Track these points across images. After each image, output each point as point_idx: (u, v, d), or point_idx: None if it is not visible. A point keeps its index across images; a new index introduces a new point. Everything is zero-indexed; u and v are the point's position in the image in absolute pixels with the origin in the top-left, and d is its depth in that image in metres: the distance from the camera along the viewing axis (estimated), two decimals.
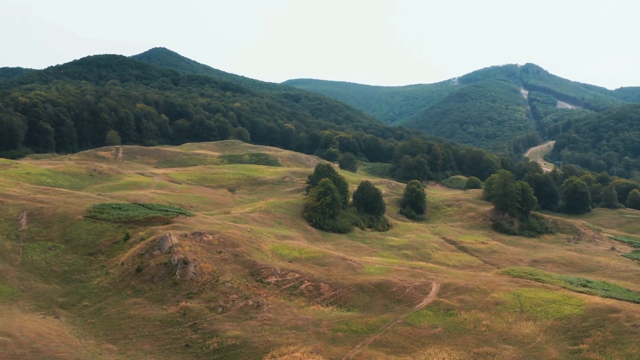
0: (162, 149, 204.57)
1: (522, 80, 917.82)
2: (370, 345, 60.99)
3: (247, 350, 58.28)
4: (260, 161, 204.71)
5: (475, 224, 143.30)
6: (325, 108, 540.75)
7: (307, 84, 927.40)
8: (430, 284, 76.64)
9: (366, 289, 74.08)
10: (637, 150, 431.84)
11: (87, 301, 69.73)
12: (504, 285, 77.30)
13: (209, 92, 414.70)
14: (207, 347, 58.91)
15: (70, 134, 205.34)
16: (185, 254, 71.37)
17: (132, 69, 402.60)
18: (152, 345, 59.27)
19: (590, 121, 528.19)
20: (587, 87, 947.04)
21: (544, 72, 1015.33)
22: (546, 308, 70.09)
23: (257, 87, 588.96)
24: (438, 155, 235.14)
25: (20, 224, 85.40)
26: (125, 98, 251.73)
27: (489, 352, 60.65)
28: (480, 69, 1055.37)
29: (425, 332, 64.13)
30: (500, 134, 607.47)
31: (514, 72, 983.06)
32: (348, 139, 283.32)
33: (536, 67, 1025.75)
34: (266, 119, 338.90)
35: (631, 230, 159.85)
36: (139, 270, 70.47)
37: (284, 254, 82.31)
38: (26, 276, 74.87)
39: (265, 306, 65.62)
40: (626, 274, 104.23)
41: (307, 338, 60.91)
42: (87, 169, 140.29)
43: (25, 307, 68.55)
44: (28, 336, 56.78)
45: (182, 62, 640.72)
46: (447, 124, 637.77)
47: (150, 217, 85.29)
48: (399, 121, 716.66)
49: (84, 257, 79.78)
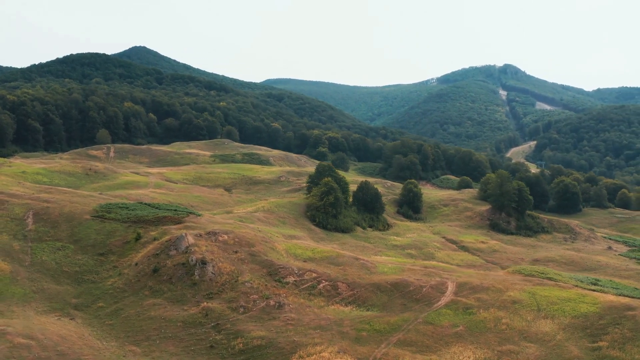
0: (153, 148, 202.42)
1: (501, 81, 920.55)
2: (394, 344, 60.90)
3: (274, 350, 57.75)
4: (252, 161, 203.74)
5: (472, 223, 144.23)
6: (308, 108, 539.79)
7: (286, 84, 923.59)
8: (446, 283, 76.80)
9: (383, 289, 73.96)
10: (618, 150, 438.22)
11: (103, 302, 68.53)
12: (517, 284, 77.79)
13: (194, 91, 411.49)
14: (232, 347, 58.25)
15: (59, 133, 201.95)
16: (202, 254, 70.52)
17: (115, 68, 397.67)
18: (177, 347, 58.44)
19: (570, 122, 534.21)
20: (564, 88, 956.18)
21: (522, 73, 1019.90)
22: (562, 306, 70.64)
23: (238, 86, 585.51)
24: (428, 155, 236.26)
25: (27, 223, 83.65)
26: (112, 97, 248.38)
27: (512, 350, 60.97)
28: (459, 70, 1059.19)
29: (448, 331, 64.19)
30: (481, 134, 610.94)
31: (492, 73, 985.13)
32: (337, 139, 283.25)
33: (514, 68, 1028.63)
34: (252, 119, 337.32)
35: (623, 229, 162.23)
36: (156, 271, 69.43)
37: (297, 254, 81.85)
38: (37, 277, 73.38)
39: (287, 306, 65.11)
40: (627, 273, 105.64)
41: (331, 338, 60.57)
42: (83, 168, 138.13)
43: (38, 308, 67.17)
44: (51, 339, 55.61)
45: (162, 62, 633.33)
46: (427, 124, 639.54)
47: (161, 216, 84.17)
48: (378, 121, 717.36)
49: (95, 257, 78.44)
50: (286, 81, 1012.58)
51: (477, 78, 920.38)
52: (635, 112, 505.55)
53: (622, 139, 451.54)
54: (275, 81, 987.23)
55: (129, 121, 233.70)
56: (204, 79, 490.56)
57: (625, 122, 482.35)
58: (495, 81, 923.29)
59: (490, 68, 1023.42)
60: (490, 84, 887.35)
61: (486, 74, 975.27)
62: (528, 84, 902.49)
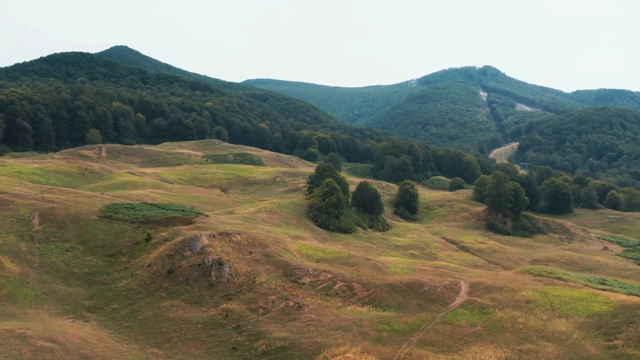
0: (145, 148, 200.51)
1: (481, 82, 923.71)
2: (416, 344, 60.91)
3: (297, 351, 57.40)
4: (244, 161, 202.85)
5: (469, 224, 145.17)
6: (292, 108, 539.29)
7: (267, 84, 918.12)
8: (459, 283, 77.09)
9: (398, 289, 74.00)
10: (600, 152, 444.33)
11: (117, 304, 67.55)
12: (529, 284, 78.37)
13: (179, 91, 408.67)
14: (254, 349, 57.76)
15: (49, 132, 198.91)
16: (218, 254, 69.89)
17: (100, 67, 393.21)
18: (199, 349, 57.81)
19: (552, 123, 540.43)
20: (544, 89, 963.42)
21: (502, 74, 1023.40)
22: (575, 306, 71.29)
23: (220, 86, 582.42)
24: (419, 156, 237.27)
25: (33, 224, 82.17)
26: (100, 96, 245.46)
27: (531, 349, 61.35)
28: (439, 71, 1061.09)
29: (466, 331, 64.39)
30: (463, 136, 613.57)
31: (472, 74, 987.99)
32: (327, 140, 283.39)
33: (494, 69, 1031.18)
34: (240, 119, 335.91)
35: (615, 230, 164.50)
36: (171, 272, 68.63)
37: (309, 254, 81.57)
38: (47, 279, 72.15)
39: (306, 307, 64.82)
40: (627, 273, 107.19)
41: (353, 338, 60.40)
42: (79, 168, 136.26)
43: (51, 310, 66.06)
44: (73, 342, 54.65)
45: (144, 61, 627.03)
46: (409, 125, 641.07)
47: (170, 217, 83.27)
48: (359, 122, 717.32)
49: (104, 258, 77.33)
50: (266, 82, 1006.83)
51: (457, 79, 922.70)
52: (616, 113, 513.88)
53: (604, 140, 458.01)
54: (255, 81, 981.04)
55: (118, 121, 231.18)
56: (188, 79, 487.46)
57: (607, 124, 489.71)
58: (475, 82, 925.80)
59: (470, 69, 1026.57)
60: (470, 85, 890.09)
61: (466, 75, 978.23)
62: (508, 85, 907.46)
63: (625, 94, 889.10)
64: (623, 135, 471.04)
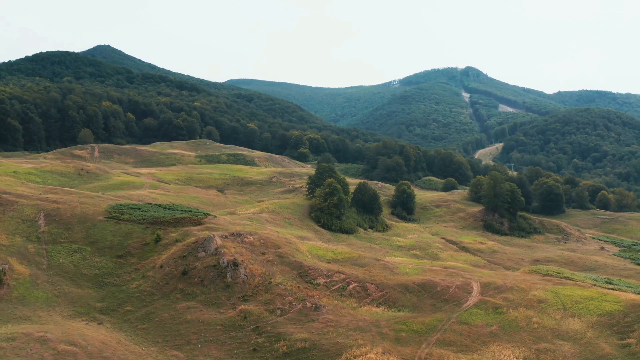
0: (138, 148, 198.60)
1: (463, 83, 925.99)
2: (435, 344, 60.95)
3: (319, 352, 57.13)
4: (237, 161, 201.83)
5: (466, 224, 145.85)
6: (278, 109, 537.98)
7: (250, 84, 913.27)
8: (470, 283, 77.35)
9: (411, 289, 74.05)
10: (585, 153, 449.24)
11: (130, 306, 66.72)
12: (539, 284, 78.92)
13: (166, 91, 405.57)
14: (275, 350, 57.37)
15: (39, 132, 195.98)
16: (233, 255, 69.33)
17: (86, 67, 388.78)
18: (219, 351, 57.28)
19: (536, 124, 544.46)
20: (526, 90, 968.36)
21: (484, 75, 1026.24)
22: (587, 305, 71.90)
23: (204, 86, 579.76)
24: (410, 156, 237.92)
25: (39, 225, 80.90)
26: (90, 96, 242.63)
27: (548, 348, 61.71)
28: (421, 72, 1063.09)
29: (483, 331, 64.62)
30: (447, 136, 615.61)
31: (455, 75, 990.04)
32: (317, 140, 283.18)
33: (476, 70, 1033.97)
34: (228, 119, 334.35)
35: (607, 230, 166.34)
36: (185, 273, 67.93)
37: (319, 255, 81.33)
38: (56, 280, 71.07)
39: (323, 308, 64.58)
40: (627, 272, 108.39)
41: (372, 339, 60.27)
42: (75, 168, 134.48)
43: (63, 313, 65.11)
44: (93, 344, 53.83)
45: (127, 61, 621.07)
46: (393, 125, 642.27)
47: (179, 217, 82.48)
48: (342, 122, 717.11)
49: (113, 259, 76.39)
50: (249, 82, 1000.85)
51: (440, 80, 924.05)
52: (600, 115, 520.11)
53: (589, 141, 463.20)
54: (238, 81, 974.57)
55: (108, 120, 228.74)
56: (174, 78, 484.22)
57: (591, 125, 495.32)
58: (457, 83, 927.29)
59: (452, 70, 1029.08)
60: (453, 86, 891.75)
61: (448, 76, 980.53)
62: (490, 86, 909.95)
63: (607, 95, 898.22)
64: (607, 136, 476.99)
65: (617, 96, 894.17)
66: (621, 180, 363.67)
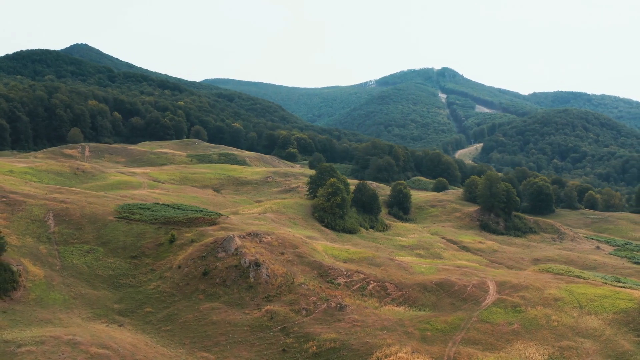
0: (129, 147, 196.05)
1: (439, 84, 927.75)
2: (460, 343, 61.20)
3: (349, 352, 56.95)
4: (229, 161, 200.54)
5: (463, 224, 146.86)
6: (260, 108, 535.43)
7: (226, 84, 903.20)
8: (486, 282, 77.84)
9: (430, 289, 74.26)
10: (564, 153, 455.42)
11: (150, 307, 65.72)
12: (552, 282, 79.76)
13: (148, 90, 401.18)
14: (305, 351, 57.04)
15: (26, 131, 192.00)
16: (254, 255, 68.74)
17: (67, 65, 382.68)
18: (249, 352, 56.72)
19: (515, 125, 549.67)
20: (501, 91, 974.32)
21: (460, 76, 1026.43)
22: (601, 303, 72.85)
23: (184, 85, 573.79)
24: (399, 156, 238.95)
25: (49, 225, 79.23)
26: (76, 94, 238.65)
27: (570, 345, 62.41)
28: (397, 72, 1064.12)
29: (505, 329, 65.06)
30: (426, 137, 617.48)
31: (431, 76, 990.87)
32: (305, 140, 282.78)
33: (452, 71, 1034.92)
34: (213, 119, 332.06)
35: (598, 230, 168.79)
36: (206, 274, 67.12)
37: (335, 255, 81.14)
38: (71, 282, 69.70)
39: (347, 307, 64.37)
40: (627, 271, 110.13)
41: (400, 338, 60.26)
42: (71, 167, 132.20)
43: (82, 315, 63.87)
44: (125, 347, 52.86)
45: (105, 60, 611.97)
46: (371, 125, 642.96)
47: (192, 217, 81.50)
48: (320, 122, 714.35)
49: (127, 260, 75.18)
50: (225, 81, 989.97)
51: (416, 81, 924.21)
52: (578, 116, 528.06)
53: (568, 142, 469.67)
54: (214, 81, 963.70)
55: (95, 120, 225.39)
56: (156, 78, 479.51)
57: (570, 126, 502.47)
58: (434, 84, 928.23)
59: (428, 71, 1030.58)
60: (429, 86, 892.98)
61: (424, 77, 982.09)
62: (466, 87, 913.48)
63: (582, 96, 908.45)
64: (585, 137, 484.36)
65: (592, 97, 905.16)
66: (601, 181, 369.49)
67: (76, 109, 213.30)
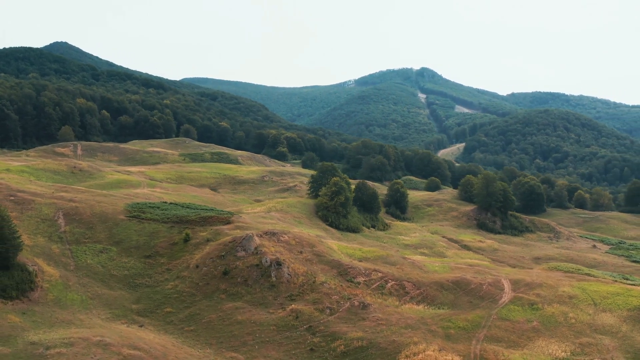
0: (121, 146, 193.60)
1: (419, 84, 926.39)
2: (484, 340, 61.49)
3: (377, 351, 56.86)
4: (222, 160, 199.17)
5: (460, 223, 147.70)
6: (243, 107, 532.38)
7: (205, 83, 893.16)
8: (500, 280, 78.36)
9: (447, 287, 74.53)
10: (546, 153, 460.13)
11: (170, 307, 64.89)
12: (564, 280, 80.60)
13: (133, 88, 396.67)
14: (333, 350, 56.83)
15: (15, 129, 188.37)
16: (274, 254, 68.27)
17: (50, 63, 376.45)
18: (278, 352, 56.32)
19: (497, 125, 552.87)
20: (480, 92, 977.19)
21: (439, 76, 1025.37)
22: (614, 300, 73.80)
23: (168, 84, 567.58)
24: (390, 156, 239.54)
25: (59, 224, 77.85)
26: (64, 92, 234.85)
27: (590, 342, 63.11)
28: (376, 72, 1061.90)
29: (525, 327, 65.53)
30: (407, 136, 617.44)
31: (410, 76, 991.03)
32: (294, 139, 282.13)
33: (431, 71, 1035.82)
34: (200, 118, 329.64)
35: (590, 229, 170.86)
36: (226, 273, 66.50)
37: (349, 253, 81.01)
38: (87, 282, 68.56)
39: (370, 306, 64.26)
40: (628, 270, 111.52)
41: (424, 336, 60.34)
42: (68, 166, 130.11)
43: (101, 315, 62.88)
44: (156, 348, 52.14)
45: (85, 58, 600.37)
46: (352, 125, 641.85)
47: (205, 216, 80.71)
48: (300, 122, 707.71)
49: (141, 260, 74.20)
50: (204, 80, 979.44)
51: (395, 81, 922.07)
52: (559, 116, 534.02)
53: (550, 142, 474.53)
54: (193, 80, 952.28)
55: (84, 118, 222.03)
56: (140, 76, 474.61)
57: (551, 126, 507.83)
58: (413, 84, 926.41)
59: (407, 71, 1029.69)
60: (409, 86, 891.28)
61: (404, 77, 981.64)
62: (445, 87, 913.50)
63: (560, 97, 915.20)
64: (567, 137, 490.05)
65: (570, 98, 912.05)
66: (584, 181, 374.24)
67: (65, 107, 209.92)
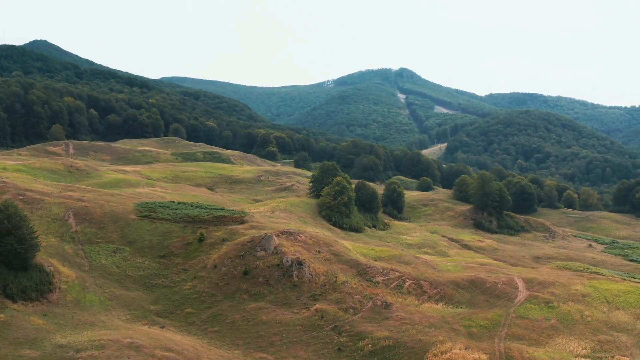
0: (112, 145, 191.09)
1: (398, 84, 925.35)
2: (506, 338, 61.90)
3: (404, 350, 56.92)
4: (214, 159, 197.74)
5: (457, 223, 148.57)
6: (226, 107, 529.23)
7: (184, 82, 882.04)
8: (513, 279, 78.98)
9: (463, 286, 74.89)
10: (528, 154, 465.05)
11: (190, 308, 64.22)
12: (575, 279, 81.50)
13: (117, 87, 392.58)
14: (360, 349, 56.78)
15: (4, 128, 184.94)
16: (294, 254, 67.95)
17: (33, 61, 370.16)
18: (306, 352, 56.06)
19: (478, 126, 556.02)
20: (458, 92, 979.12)
21: (418, 76, 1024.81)
22: (626, 298, 74.85)
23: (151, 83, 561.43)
24: (380, 156, 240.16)
25: (70, 224, 76.56)
26: (51, 91, 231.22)
27: (608, 339, 63.92)
28: (355, 72, 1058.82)
29: (544, 325, 66.08)
30: (388, 136, 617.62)
31: (389, 76, 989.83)
32: (283, 139, 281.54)
33: (410, 71, 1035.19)
34: (187, 117, 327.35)
35: (582, 228, 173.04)
36: (247, 273, 65.98)
37: (364, 253, 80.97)
38: (103, 283, 67.55)
39: (393, 306, 64.30)
40: (627, 268, 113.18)
41: (449, 335, 60.53)
42: (64, 165, 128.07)
43: (121, 317, 61.99)
44: (188, 350, 51.56)
45: (65, 56, 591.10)
46: (332, 125, 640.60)
47: (218, 216, 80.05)
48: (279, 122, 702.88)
49: (156, 260, 73.33)
50: (182, 79, 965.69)
51: (375, 81, 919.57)
52: (540, 117, 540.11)
53: (531, 142, 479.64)
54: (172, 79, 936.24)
55: (73, 117, 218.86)
56: (123, 75, 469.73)
57: (532, 127, 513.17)
58: (392, 84, 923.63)
59: (386, 71, 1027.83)
60: (388, 87, 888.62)
61: (383, 77, 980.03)
62: (424, 87, 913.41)
63: (538, 98, 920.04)
64: (548, 137, 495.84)
65: (548, 99, 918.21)
66: (567, 181, 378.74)
67: (54, 105, 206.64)
